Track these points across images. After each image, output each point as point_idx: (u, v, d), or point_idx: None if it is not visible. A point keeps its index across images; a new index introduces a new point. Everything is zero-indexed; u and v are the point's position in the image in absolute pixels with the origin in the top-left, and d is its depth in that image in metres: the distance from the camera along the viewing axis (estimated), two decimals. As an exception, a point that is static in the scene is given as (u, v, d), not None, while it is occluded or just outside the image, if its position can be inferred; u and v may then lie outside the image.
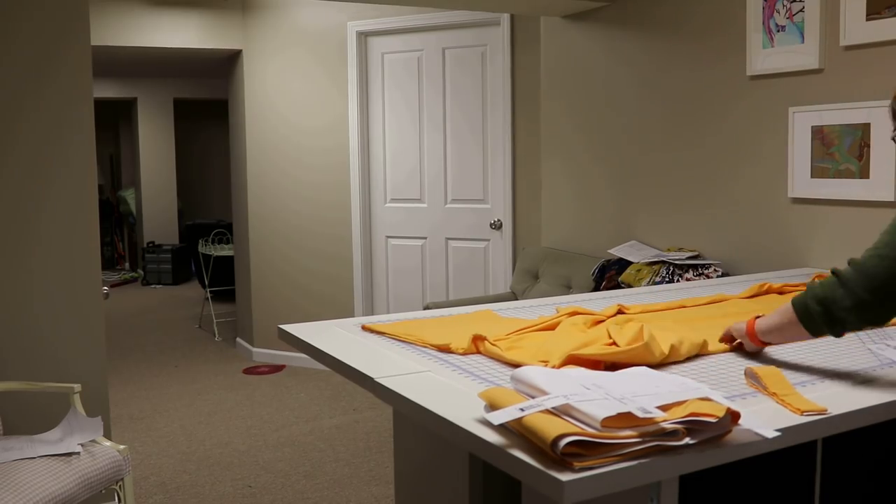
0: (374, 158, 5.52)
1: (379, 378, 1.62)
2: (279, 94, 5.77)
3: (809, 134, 3.12)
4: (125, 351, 6.48)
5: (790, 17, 3.16)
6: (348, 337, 2.00)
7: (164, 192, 10.36)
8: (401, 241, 5.47)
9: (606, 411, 1.21)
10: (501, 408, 1.29)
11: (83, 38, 3.22)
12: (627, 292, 2.67)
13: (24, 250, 3.17)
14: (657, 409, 1.25)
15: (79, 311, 3.28)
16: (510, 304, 2.43)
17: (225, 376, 5.64)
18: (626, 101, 4.02)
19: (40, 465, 2.50)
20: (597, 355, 1.65)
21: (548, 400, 1.27)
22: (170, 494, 3.65)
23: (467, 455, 1.83)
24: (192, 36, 5.75)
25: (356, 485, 3.72)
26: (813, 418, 1.37)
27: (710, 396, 1.31)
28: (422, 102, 5.31)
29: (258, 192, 5.95)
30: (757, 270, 3.34)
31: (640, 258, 3.63)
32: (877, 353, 1.80)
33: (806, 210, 3.18)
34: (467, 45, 5.11)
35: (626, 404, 1.24)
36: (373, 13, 5.31)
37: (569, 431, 1.17)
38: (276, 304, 5.94)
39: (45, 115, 3.17)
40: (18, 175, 3.15)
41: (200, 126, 11.82)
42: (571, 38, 4.37)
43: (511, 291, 4.48)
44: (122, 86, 9.94)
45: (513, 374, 1.43)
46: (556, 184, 4.55)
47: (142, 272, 10.36)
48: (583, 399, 1.26)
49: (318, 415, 4.73)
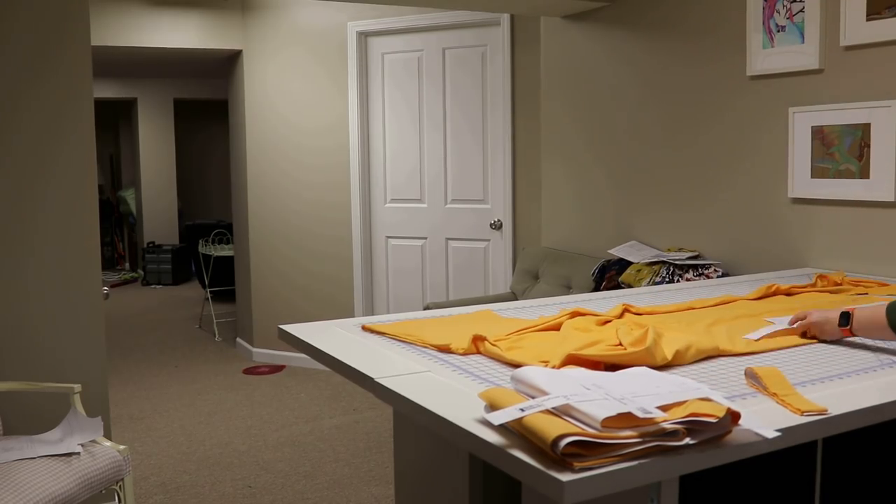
0: (375, 158, 5.52)
1: (379, 378, 1.62)
2: (279, 95, 5.77)
3: (809, 134, 3.12)
4: (125, 351, 6.48)
5: (790, 17, 3.16)
6: (348, 337, 2.00)
7: (164, 192, 10.36)
8: (401, 241, 5.47)
9: (607, 411, 1.21)
10: (502, 408, 1.29)
11: (83, 39, 3.22)
12: (628, 292, 2.67)
13: (24, 250, 3.17)
14: (657, 409, 1.25)
15: (79, 311, 3.28)
16: (510, 304, 2.43)
17: (225, 376, 5.64)
18: (626, 102, 4.02)
19: (40, 466, 2.50)
20: (596, 356, 1.65)
21: (548, 400, 1.27)
22: (170, 494, 3.65)
23: (467, 455, 1.84)
24: (192, 36, 5.75)
25: (356, 485, 3.72)
26: (813, 418, 1.37)
27: (710, 397, 1.31)
28: (422, 102, 5.31)
29: (258, 192, 5.96)
30: (757, 270, 3.34)
31: (640, 258, 3.63)
32: (876, 352, 1.80)
33: (806, 210, 3.18)
34: (467, 46, 5.11)
35: (627, 404, 1.24)
36: (373, 13, 5.31)
37: (569, 432, 1.17)
38: (276, 304, 5.94)
39: (45, 115, 3.18)
40: (19, 175, 3.15)
41: (200, 126, 11.82)
42: (571, 39, 4.37)
43: (511, 291, 4.48)
44: (123, 86, 9.95)
45: (513, 374, 1.43)
46: (556, 184, 4.55)
47: (142, 272, 10.36)
48: (583, 399, 1.26)
49: (318, 415, 4.73)
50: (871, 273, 2.92)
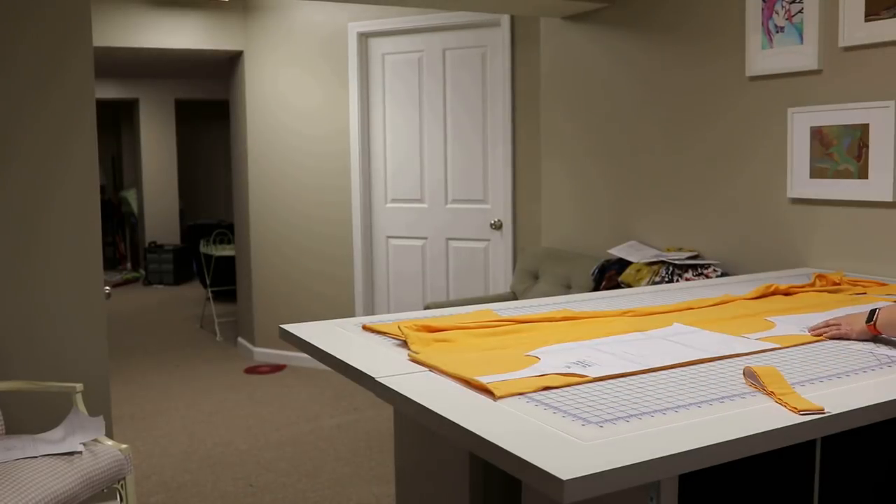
0: (375, 159, 5.53)
1: (380, 377, 1.63)
2: (280, 95, 5.78)
3: (808, 134, 3.13)
4: (127, 351, 6.49)
5: (789, 17, 3.17)
6: (349, 337, 2.01)
7: (165, 192, 10.37)
8: (401, 241, 5.48)
9: None
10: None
11: (86, 42, 3.23)
12: (627, 292, 2.68)
13: (26, 250, 3.19)
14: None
15: (81, 310, 3.30)
16: (510, 304, 2.44)
17: (226, 376, 5.65)
18: (625, 102, 4.03)
19: (42, 465, 2.51)
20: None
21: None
22: (171, 493, 3.66)
23: (467, 454, 1.84)
24: (194, 37, 5.76)
25: (357, 484, 3.73)
26: (810, 417, 1.38)
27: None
28: (422, 103, 5.32)
29: (259, 192, 5.97)
30: (756, 270, 3.35)
31: (639, 258, 3.64)
32: (875, 352, 1.81)
33: (805, 210, 3.19)
34: (467, 46, 5.12)
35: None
36: (374, 14, 5.32)
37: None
38: (277, 304, 5.95)
39: (47, 117, 3.19)
40: (22, 176, 3.16)
41: (202, 126, 11.83)
42: (571, 39, 4.38)
43: (511, 291, 4.49)
44: (124, 86, 9.96)
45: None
46: (556, 184, 4.56)
47: (143, 272, 10.37)
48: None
49: (318, 414, 4.74)
50: (869, 273, 2.93)
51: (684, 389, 1.53)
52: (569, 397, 1.49)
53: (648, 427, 1.33)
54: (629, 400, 1.47)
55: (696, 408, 1.42)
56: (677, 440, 1.27)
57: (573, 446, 1.24)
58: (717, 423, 1.35)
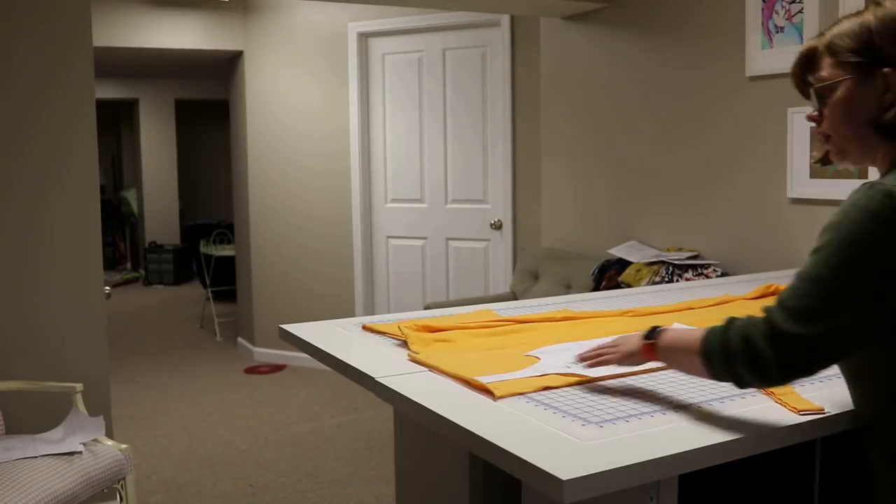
0: (375, 159, 5.53)
1: (380, 377, 1.63)
2: (280, 95, 5.78)
3: (808, 134, 3.13)
4: (127, 351, 6.49)
5: (789, 17, 3.17)
6: (349, 337, 2.01)
7: (165, 192, 10.37)
8: (401, 241, 5.48)
9: None
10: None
11: (86, 42, 3.23)
12: (627, 292, 2.68)
13: (26, 250, 3.19)
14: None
15: (81, 310, 3.29)
16: (510, 304, 2.44)
17: (226, 376, 5.65)
18: (625, 102, 4.03)
19: (42, 465, 2.51)
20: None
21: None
22: (171, 493, 3.66)
23: (467, 455, 1.84)
24: (194, 37, 5.76)
25: (357, 484, 3.73)
26: (810, 417, 1.38)
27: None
28: (422, 103, 5.32)
29: (259, 192, 5.97)
30: (756, 270, 3.35)
31: (639, 258, 3.64)
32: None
33: (805, 210, 3.19)
34: (468, 46, 5.12)
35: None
36: (373, 14, 5.32)
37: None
38: (277, 304, 5.95)
39: (48, 117, 3.19)
40: (22, 176, 3.16)
41: (202, 126, 11.83)
42: (571, 39, 4.38)
43: (511, 291, 4.49)
44: (124, 86, 9.96)
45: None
46: (556, 184, 4.56)
47: (143, 272, 10.37)
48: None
49: (318, 414, 4.74)
50: (870, 273, 2.93)
51: (684, 389, 1.53)
52: (569, 397, 1.49)
53: (648, 427, 1.33)
54: (629, 400, 1.47)
55: (696, 408, 1.42)
56: (677, 440, 1.27)
57: (573, 446, 1.24)
58: (717, 422, 1.35)
